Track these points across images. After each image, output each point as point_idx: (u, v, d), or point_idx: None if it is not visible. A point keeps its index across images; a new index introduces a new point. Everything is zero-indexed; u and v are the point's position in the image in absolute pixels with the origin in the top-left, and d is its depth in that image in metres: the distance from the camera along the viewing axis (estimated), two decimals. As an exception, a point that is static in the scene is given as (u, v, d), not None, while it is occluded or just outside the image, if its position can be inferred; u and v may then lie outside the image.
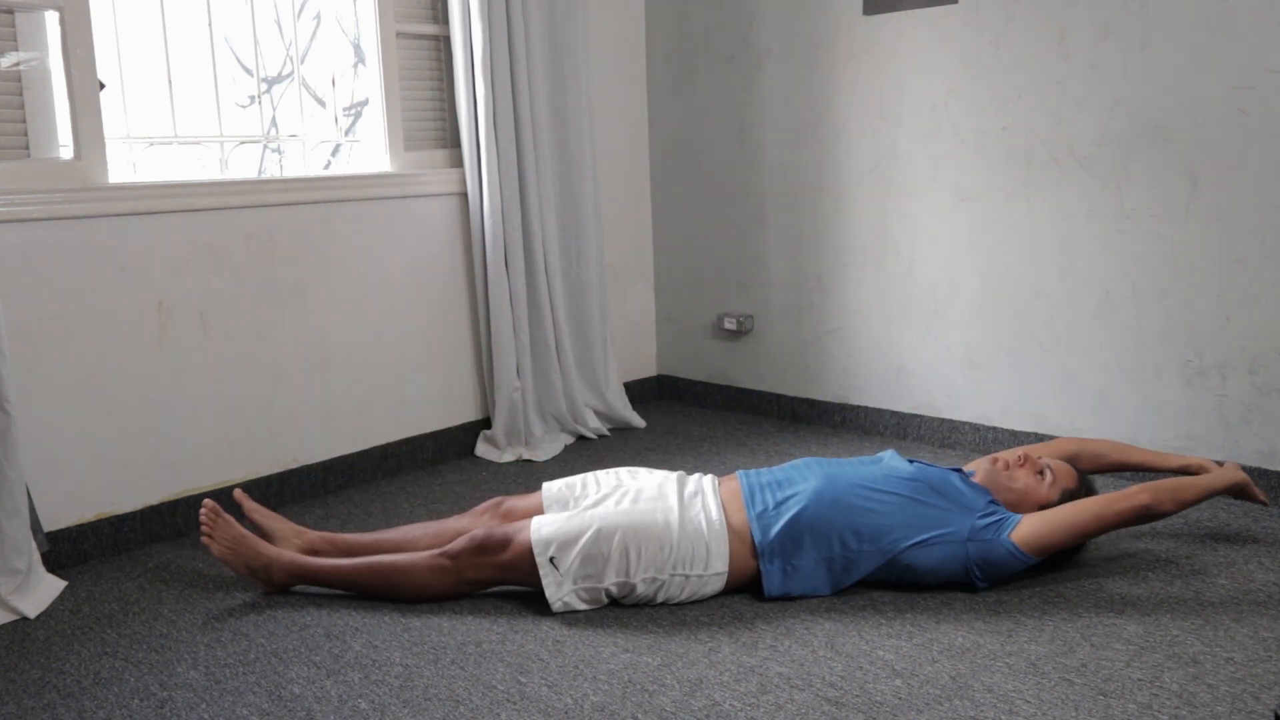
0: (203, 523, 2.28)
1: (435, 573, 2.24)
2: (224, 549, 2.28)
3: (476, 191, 3.26)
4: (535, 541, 2.17)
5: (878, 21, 3.28)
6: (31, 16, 2.48)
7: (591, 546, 2.15)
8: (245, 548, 2.29)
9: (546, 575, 2.17)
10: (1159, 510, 2.26)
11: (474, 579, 2.25)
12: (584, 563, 2.16)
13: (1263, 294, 2.69)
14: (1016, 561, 2.20)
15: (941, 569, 2.21)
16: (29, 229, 2.44)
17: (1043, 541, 2.20)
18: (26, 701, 1.92)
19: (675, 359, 4.05)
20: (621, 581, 2.17)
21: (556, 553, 2.16)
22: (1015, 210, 3.08)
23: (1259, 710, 1.77)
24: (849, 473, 2.30)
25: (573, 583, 2.17)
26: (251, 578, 2.31)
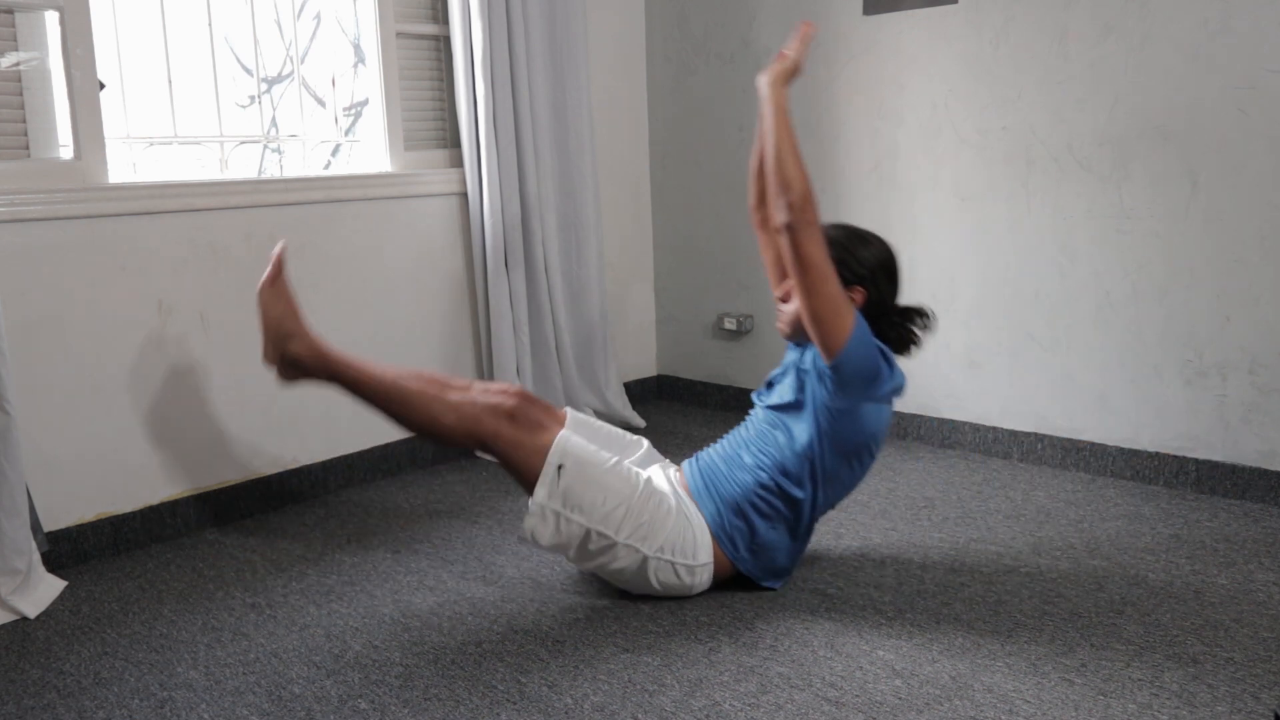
0: (274, 262, 2.26)
1: (455, 413, 2.17)
2: (274, 297, 2.26)
3: (476, 191, 3.26)
4: (558, 444, 2.14)
5: (878, 21, 3.28)
6: (31, 16, 2.48)
7: (598, 486, 2.12)
8: (290, 308, 2.27)
9: (546, 478, 2.12)
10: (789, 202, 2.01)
11: (481, 437, 2.17)
12: (583, 490, 2.11)
13: (1263, 294, 2.69)
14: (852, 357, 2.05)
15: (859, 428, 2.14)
16: (29, 229, 2.44)
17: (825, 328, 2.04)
18: (26, 701, 1.92)
19: (675, 359, 4.05)
20: (603, 533, 2.13)
21: (569, 465, 2.12)
22: (1015, 210, 3.08)
23: (1259, 710, 1.77)
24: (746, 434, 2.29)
25: (561, 502, 2.12)
26: (271, 339, 2.27)
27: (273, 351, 2.29)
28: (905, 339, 2.25)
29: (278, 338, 2.27)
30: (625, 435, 2.43)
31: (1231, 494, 2.79)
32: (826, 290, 2.04)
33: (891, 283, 2.24)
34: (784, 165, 2.03)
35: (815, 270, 2.03)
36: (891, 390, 2.18)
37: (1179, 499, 2.80)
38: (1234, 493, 2.79)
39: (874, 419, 2.18)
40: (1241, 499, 2.78)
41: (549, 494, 2.13)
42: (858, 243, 2.22)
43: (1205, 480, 2.83)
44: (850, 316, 2.06)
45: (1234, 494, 2.79)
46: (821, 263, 2.04)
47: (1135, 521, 2.65)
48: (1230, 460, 2.79)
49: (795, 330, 2.25)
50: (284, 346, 2.27)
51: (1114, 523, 2.64)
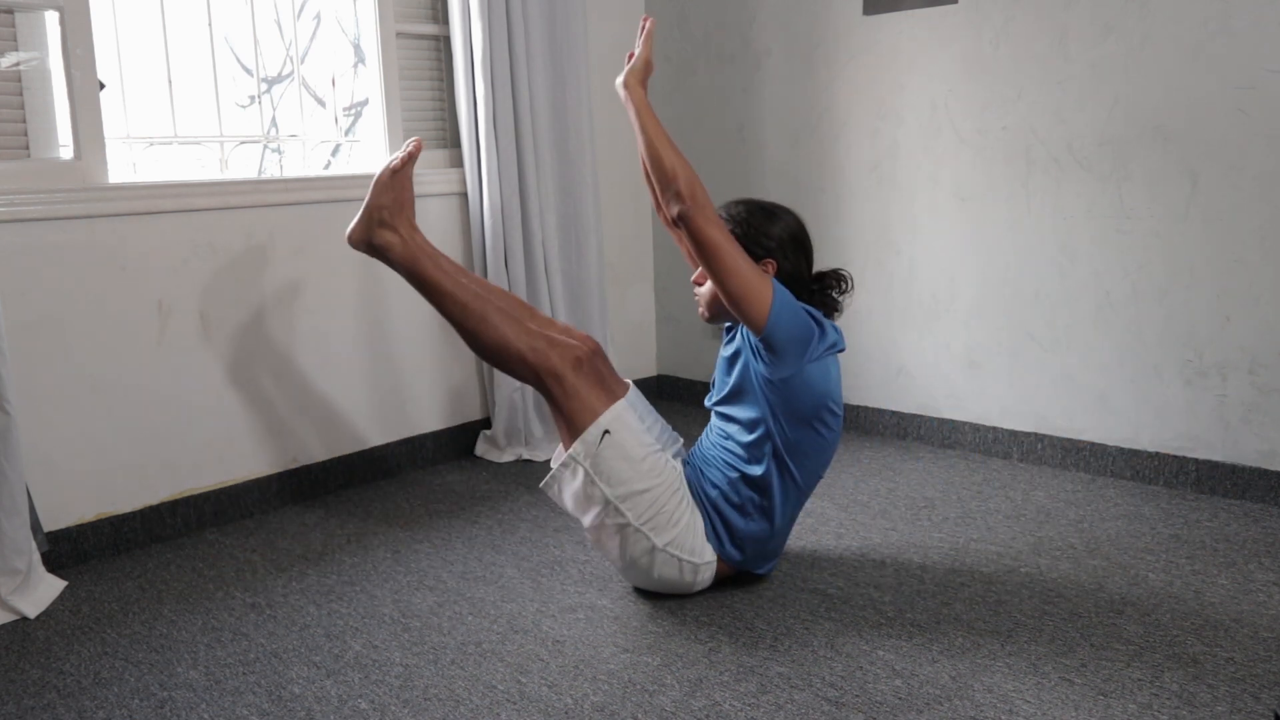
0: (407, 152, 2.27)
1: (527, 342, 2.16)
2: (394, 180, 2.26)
3: (476, 191, 3.26)
4: (613, 410, 2.13)
5: (878, 21, 3.28)
6: (31, 16, 2.48)
7: (634, 463, 2.12)
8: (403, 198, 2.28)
9: (589, 437, 2.12)
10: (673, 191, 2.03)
11: (544, 374, 2.15)
12: (617, 463, 2.11)
13: (1263, 294, 2.69)
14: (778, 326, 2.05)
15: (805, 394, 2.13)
16: (29, 229, 2.44)
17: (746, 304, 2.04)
18: (26, 701, 1.92)
19: (675, 359, 4.05)
20: (620, 511, 2.12)
21: (615, 433, 2.12)
22: (1015, 210, 3.08)
23: (1259, 710, 1.77)
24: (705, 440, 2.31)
25: (592, 464, 2.12)
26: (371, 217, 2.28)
27: (361, 233, 2.29)
28: (827, 305, 2.25)
29: (371, 222, 2.28)
30: (669, 430, 2.42)
31: (1231, 494, 2.79)
32: (736, 267, 2.04)
33: (802, 252, 2.23)
34: (660, 159, 2.05)
35: (720, 251, 2.03)
36: (828, 347, 2.16)
37: (1179, 499, 2.80)
38: (1234, 493, 2.79)
39: (821, 378, 2.15)
40: (1241, 499, 2.78)
41: (585, 452, 2.12)
42: (763, 217, 2.21)
43: (1205, 480, 2.83)
44: (767, 286, 2.06)
45: (1234, 494, 2.79)
46: (723, 242, 2.04)
47: (1135, 521, 2.65)
48: (1230, 460, 2.79)
49: (714, 312, 2.23)
50: (374, 232, 2.27)
51: (1114, 523, 2.64)
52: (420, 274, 2.26)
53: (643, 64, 2.16)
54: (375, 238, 2.29)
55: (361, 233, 2.30)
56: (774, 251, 2.18)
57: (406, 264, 2.27)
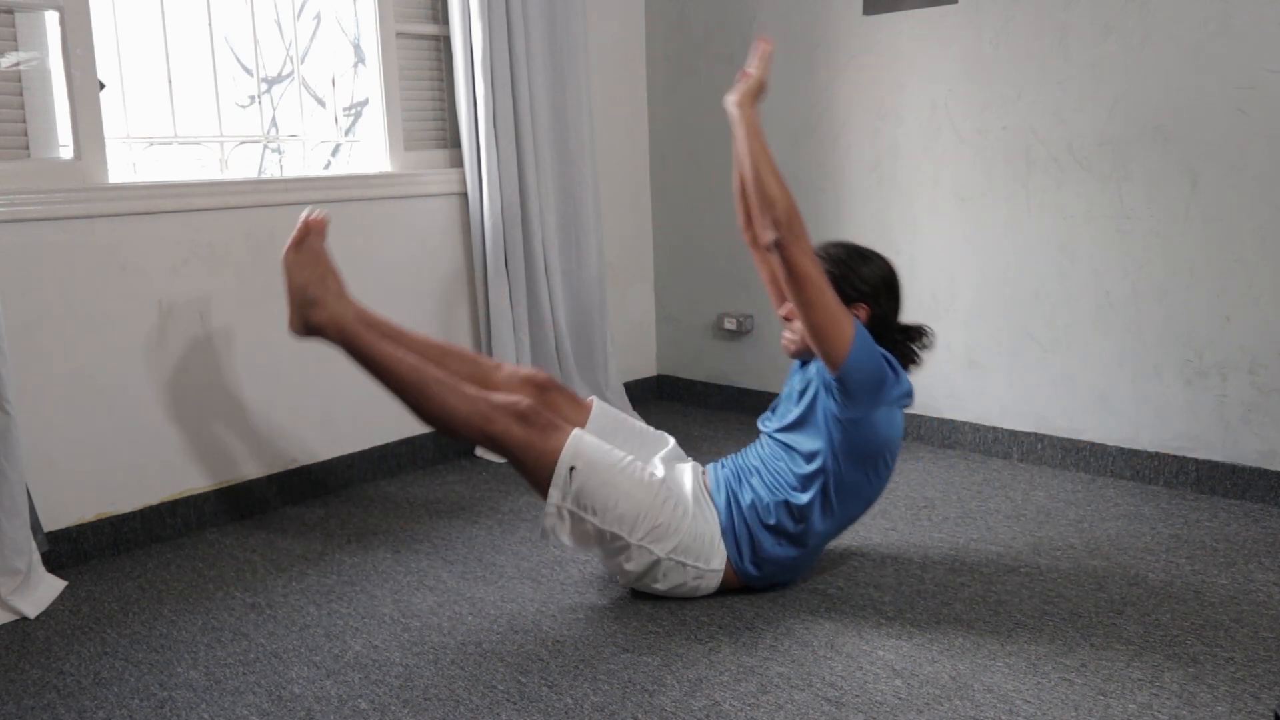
0: (300, 225, 2.23)
1: (468, 409, 2.16)
2: (301, 258, 2.23)
3: (476, 191, 3.26)
4: (570, 445, 2.13)
5: (878, 21, 3.28)
6: (31, 16, 2.48)
7: (610, 488, 2.11)
8: (320, 270, 2.24)
9: (559, 480, 2.12)
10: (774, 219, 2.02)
11: (494, 436, 2.15)
12: (595, 493, 2.11)
13: (1263, 294, 2.69)
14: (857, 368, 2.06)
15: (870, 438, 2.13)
16: (29, 229, 2.44)
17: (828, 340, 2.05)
18: (26, 701, 1.92)
19: (675, 359, 4.05)
20: (617, 535, 2.13)
21: (581, 467, 2.11)
22: (1015, 210, 3.08)
23: (1259, 710, 1.77)
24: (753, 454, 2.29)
25: (574, 503, 2.12)
26: (295, 301, 2.24)
27: (296, 319, 2.27)
28: (906, 356, 2.26)
29: (300, 304, 2.25)
30: (649, 431, 2.42)
31: (1231, 494, 2.79)
32: (823, 301, 2.04)
33: (893, 299, 2.24)
34: (764, 184, 2.04)
35: (810, 283, 2.03)
36: (900, 395, 2.17)
37: (1179, 499, 2.80)
38: (1234, 493, 2.79)
39: (887, 425, 2.17)
40: (1241, 499, 2.78)
41: (562, 495, 2.13)
42: (859, 260, 2.23)
43: (1205, 480, 2.83)
44: (850, 325, 2.06)
45: (1234, 494, 2.79)
46: (815, 275, 2.04)
47: (1135, 521, 2.65)
48: (1230, 460, 2.79)
49: (802, 349, 2.24)
50: (306, 314, 2.25)
51: (1114, 523, 2.64)
52: (356, 352, 2.24)
53: (758, 84, 2.14)
54: (309, 319, 2.25)
55: (296, 319, 2.28)
56: (867, 296, 2.20)
57: (341, 342, 2.24)
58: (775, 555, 2.20)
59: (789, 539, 2.20)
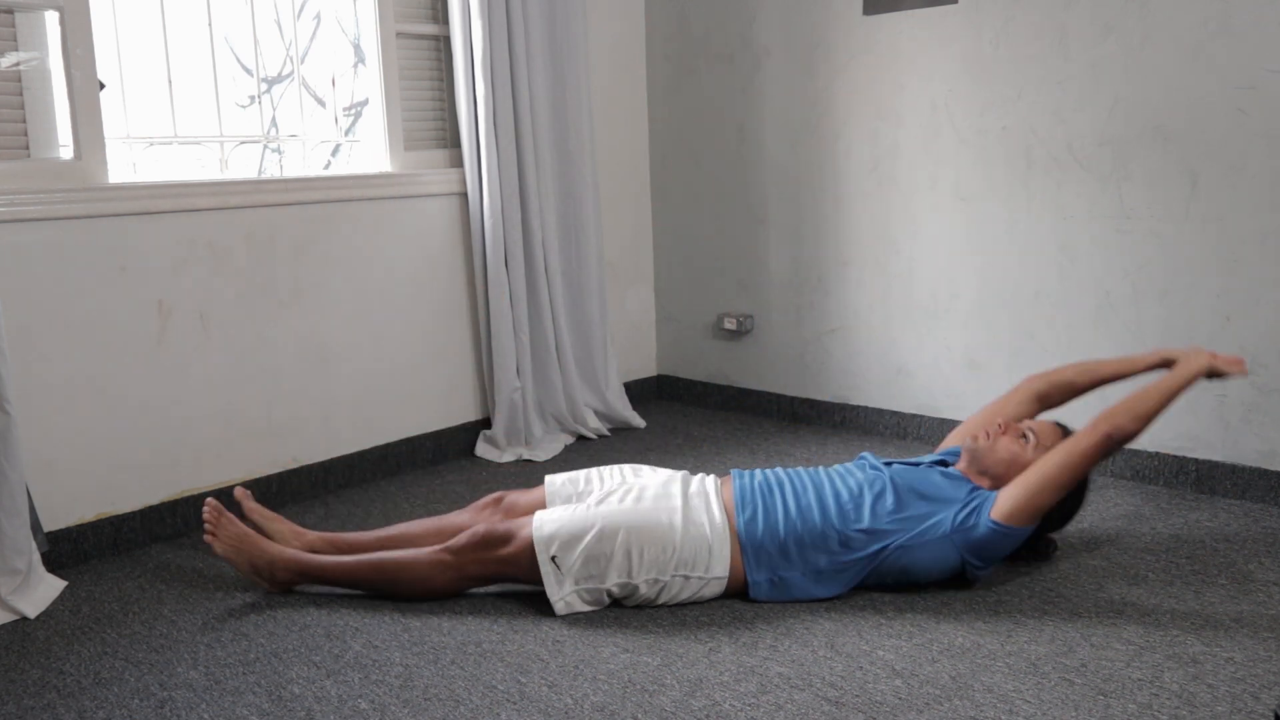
0: (206, 521, 2.28)
1: (437, 568, 2.23)
2: (227, 547, 2.28)
3: (476, 191, 3.26)
4: (537, 539, 2.16)
5: (878, 21, 3.28)
6: (31, 16, 2.48)
7: (594, 547, 2.15)
8: (249, 546, 2.29)
9: (548, 574, 2.16)
10: (1121, 435, 2.17)
11: (476, 575, 2.24)
12: (586, 563, 2.15)
13: (1263, 294, 2.69)
14: (1004, 538, 2.17)
15: (934, 567, 2.20)
16: (29, 229, 2.44)
17: (1022, 508, 2.16)
18: (26, 701, 1.92)
19: (675, 359, 4.05)
20: (624, 583, 2.16)
21: (559, 552, 2.15)
22: (1015, 210, 3.08)
23: (1259, 710, 1.77)
24: (833, 484, 2.28)
25: (574, 583, 2.16)
26: (255, 577, 2.31)
27: (269, 585, 2.33)
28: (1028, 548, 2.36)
29: (262, 577, 2.31)
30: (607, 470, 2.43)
31: (1231, 494, 2.79)
32: (1059, 492, 2.18)
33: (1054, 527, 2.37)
34: (1150, 419, 2.21)
35: (1075, 476, 2.18)
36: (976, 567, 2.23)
37: (1179, 499, 2.80)
38: (1234, 493, 2.79)
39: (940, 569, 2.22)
40: (1241, 499, 2.77)
41: (559, 585, 2.17)
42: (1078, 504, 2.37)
43: (1205, 480, 2.83)
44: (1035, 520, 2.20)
45: (1234, 494, 2.79)
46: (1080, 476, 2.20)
47: (1135, 521, 2.65)
48: (1230, 460, 2.79)
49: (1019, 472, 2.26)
50: (271, 576, 2.31)
51: (1114, 523, 2.64)
52: (328, 580, 2.32)
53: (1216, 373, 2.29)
54: (279, 581, 2.32)
55: (270, 587, 2.33)
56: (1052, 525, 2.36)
57: (315, 581, 2.33)
58: (793, 581, 2.21)
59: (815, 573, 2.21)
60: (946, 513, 2.20)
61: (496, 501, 2.41)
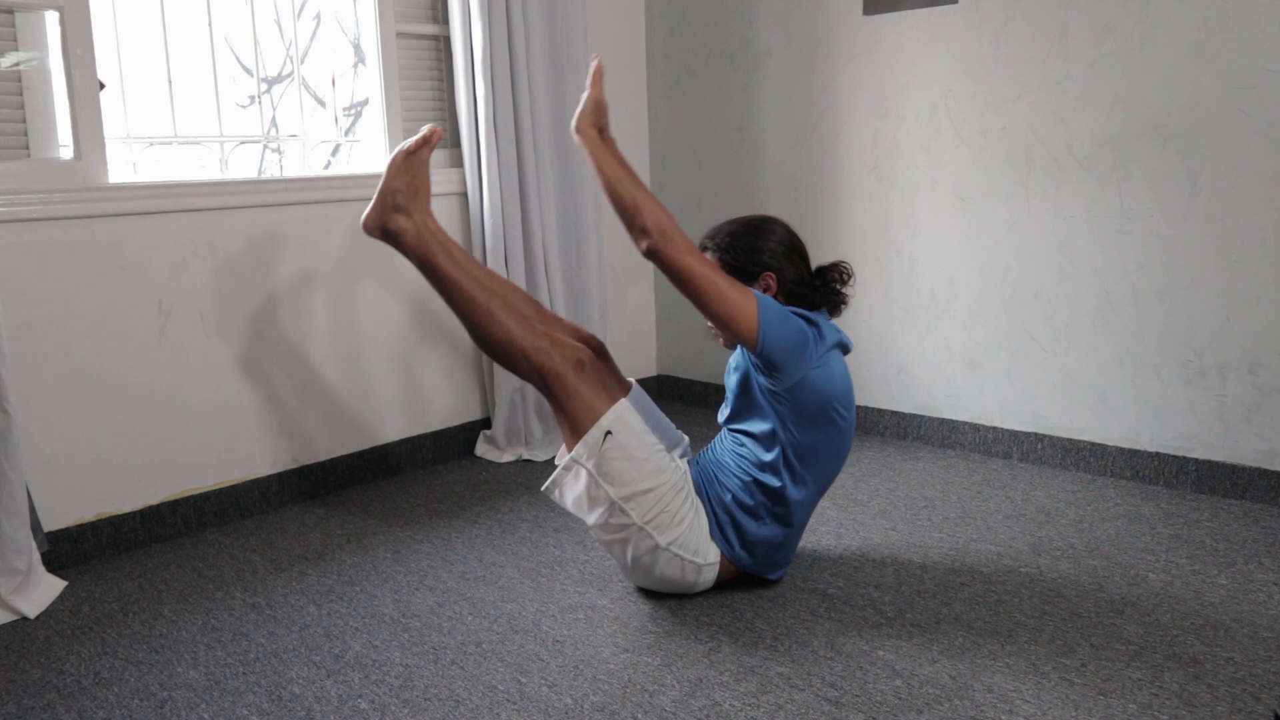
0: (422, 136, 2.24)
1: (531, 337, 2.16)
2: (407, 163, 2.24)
3: (476, 191, 3.26)
4: (615, 410, 2.13)
5: (878, 21, 3.28)
6: (31, 16, 2.48)
7: (636, 465, 2.11)
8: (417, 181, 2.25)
9: (591, 438, 2.12)
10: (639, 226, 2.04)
11: (547, 373, 2.15)
12: (619, 463, 2.11)
13: (1263, 294, 2.69)
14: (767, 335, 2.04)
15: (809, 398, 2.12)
16: (29, 229, 2.44)
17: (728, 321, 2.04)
18: (26, 701, 1.92)
19: (675, 359, 4.05)
20: (624, 511, 2.12)
21: (617, 435, 2.12)
22: (1015, 210, 3.08)
23: (1259, 710, 1.77)
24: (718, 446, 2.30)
25: (595, 465, 2.11)
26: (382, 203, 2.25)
27: (375, 218, 2.27)
28: (832, 300, 2.25)
29: (385, 207, 2.26)
30: (673, 428, 2.41)
31: (1231, 494, 2.79)
32: (715, 290, 2.04)
33: (798, 257, 2.24)
34: (621, 198, 2.06)
35: (696, 277, 2.05)
36: (831, 347, 2.16)
37: (1179, 499, 2.80)
38: (1234, 493, 2.79)
39: (825, 380, 2.14)
40: (1241, 499, 2.78)
41: (588, 453, 2.12)
42: (749, 235, 2.22)
43: (1205, 480, 2.83)
44: (751, 302, 2.05)
45: (1234, 494, 2.79)
46: (699, 268, 2.05)
47: (1135, 521, 2.65)
48: (1230, 460, 2.79)
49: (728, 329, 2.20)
50: (388, 217, 2.25)
51: (1114, 523, 2.64)
52: (431, 264, 2.25)
53: (592, 105, 2.15)
54: (389, 223, 2.27)
55: (375, 218, 2.29)
56: (771, 265, 2.19)
57: (418, 252, 2.26)
58: (762, 536, 2.21)
59: (772, 517, 2.21)
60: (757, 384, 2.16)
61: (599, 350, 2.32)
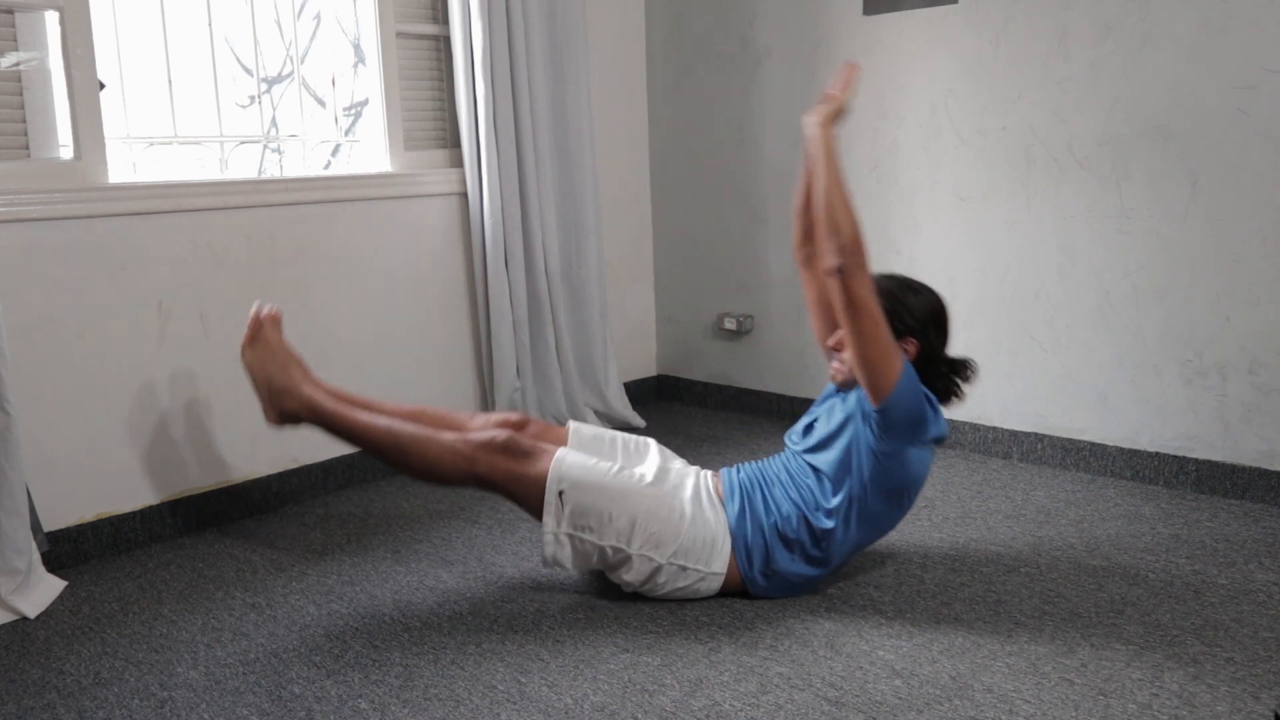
0: (252, 323, 2.26)
1: (450, 455, 2.18)
2: (257, 356, 2.26)
3: (476, 191, 3.26)
4: (554, 469, 2.14)
5: (878, 21, 3.28)
6: (31, 16, 2.48)
7: (603, 502, 2.13)
8: (280, 361, 2.27)
9: (550, 504, 2.13)
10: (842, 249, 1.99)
11: (482, 476, 2.18)
12: (589, 513, 2.13)
13: (1263, 294, 2.69)
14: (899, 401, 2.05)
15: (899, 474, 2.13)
16: (29, 229, 2.44)
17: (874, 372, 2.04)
18: (26, 701, 1.92)
19: (675, 359, 4.05)
20: (618, 548, 2.14)
21: (569, 490, 2.13)
22: (1015, 210, 3.08)
23: (1259, 710, 1.77)
24: (788, 469, 2.27)
25: (570, 525, 2.13)
26: (265, 396, 2.28)
27: (270, 414, 2.31)
28: (950, 390, 2.26)
29: (270, 401, 2.29)
30: (632, 440, 2.42)
31: (1231, 494, 2.79)
32: (877, 334, 2.03)
33: (942, 334, 2.23)
34: (834, 209, 2.01)
35: (866, 314, 2.02)
36: (935, 436, 2.18)
37: (1179, 499, 2.80)
38: (1234, 493, 2.79)
39: (918, 462, 2.17)
40: (1241, 499, 2.78)
41: (556, 521, 2.15)
42: (909, 293, 2.22)
43: (1205, 480, 2.83)
44: (899, 360, 2.06)
45: (1234, 494, 2.79)
46: (872, 306, 2.02)
47: (1135, 521, 2.65)
48: (1230, 460, 2.79)
49: (850, 379, 2.22)
50: (279, 407, 2.29)
51: (1114, 523, 2.64)
52: (333, 427, 2.29)
53: (839, 107, 2.12)
54: (283, 411, 2.29)
55: (270, 413, 2.32)
56: (916, 331, 2.19)
57: (319, 424, 2.30)
58: (788, 571, 2.20)
59: (806, 558, 2.20)
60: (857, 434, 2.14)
61: (521, 422, 2.36)
